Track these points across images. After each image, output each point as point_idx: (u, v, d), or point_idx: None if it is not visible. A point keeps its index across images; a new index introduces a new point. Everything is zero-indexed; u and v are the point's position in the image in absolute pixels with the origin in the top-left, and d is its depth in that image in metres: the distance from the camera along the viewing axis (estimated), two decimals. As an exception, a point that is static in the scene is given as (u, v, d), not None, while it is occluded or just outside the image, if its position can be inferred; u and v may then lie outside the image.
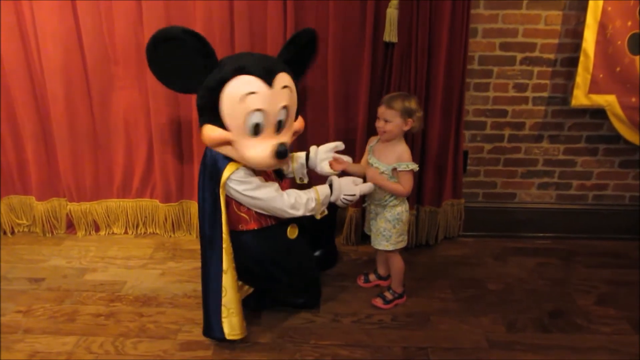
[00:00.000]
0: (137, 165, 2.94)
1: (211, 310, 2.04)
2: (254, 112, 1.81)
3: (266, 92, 1.82)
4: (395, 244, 2.30)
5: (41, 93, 2.78)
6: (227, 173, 1.90)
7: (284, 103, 1.89)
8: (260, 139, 1.87)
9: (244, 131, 1.84)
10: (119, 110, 2.82)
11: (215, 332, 2.05)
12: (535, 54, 2.67)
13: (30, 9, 2.57)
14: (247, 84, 1.79)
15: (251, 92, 1.79)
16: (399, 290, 2.41)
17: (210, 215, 1.96)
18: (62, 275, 2.65)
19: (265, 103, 1.82)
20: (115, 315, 2.33)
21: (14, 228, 3.09)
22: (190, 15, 2.57)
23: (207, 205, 1.96)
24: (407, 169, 2.16)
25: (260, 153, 1.87)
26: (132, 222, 3.06)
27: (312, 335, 2.21)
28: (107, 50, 2.69)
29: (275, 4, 2.50)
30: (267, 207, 2.00)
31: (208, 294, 2.04)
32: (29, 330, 2.24)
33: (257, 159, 1.88)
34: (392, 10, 2.43)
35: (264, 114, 1.83)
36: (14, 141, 2.90)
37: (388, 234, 2.28)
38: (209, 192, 1.95)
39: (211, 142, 1.88)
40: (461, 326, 2.27)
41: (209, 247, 2.00)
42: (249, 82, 1.80)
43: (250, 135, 1.85)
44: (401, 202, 2.27)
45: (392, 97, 2.15)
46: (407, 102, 2.12)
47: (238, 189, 1.93)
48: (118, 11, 2.60)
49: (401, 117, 2.11)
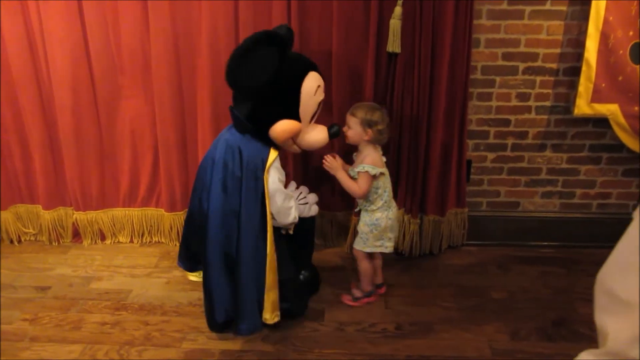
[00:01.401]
0: (143, 174, 2.97)
1: (249, 300, 2.15)
2: (320, 103, 2.17)
3: (322, 82, 2.17)
4: (373, 248, 2.38)
5: (48, 102, 2.81)
6: (272, 157, 2.11)
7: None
8: (314, 125, 2.23)
9: (308, 120, 2.16)
10: (125, 119, 2.84)
11: (254, 324, 2.18)
12: (537, 63, 2.69)
13: (38, 19, 2.61)
14: (316, 80, 2.11)
15: (319, 86, 2.13)
16: (368, 289, 2.49)
17: (252, 203, 2.09)
18: (68, 283, 2.67)
19: (322, 91, 2.17)
20: (120, 324, 2.35)
21: (20, 237, 3.11)
22: (196, 25, 2.61)
23: (249, 194, 2.08)
24: (363, 170, 2.25)
25: (321, 134, 2.24)
26: (138, 230, 3.08)
27: (316, 344, 2.22)
28: (114, 60, 2.72)
29: (279, 14, 2.52)
30: (282, 203, 2.14)
31: (247, 284, 2.13)
32: (35, 338, 2.26)
33: (320, 140, 2.24)
34: (395, 21, 2.45)
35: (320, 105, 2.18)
36: (22, 150, 2.93)
37: (365, 237, 2.37)
38: (252, 182, 2.08)
39: (291, 134, 2.10)
40: (465, 335, 2.27)
41: (250, 236, 2.10)
42: (317, 78, 2.12)
43: (309, 122, 2.17)
44: (381, 209, 2.33)
45: (358, 105, 2.29)
46: (370, 113, 2.23)
47: (277, 175, 2.13)
48: (125, 22, 2.63)
49: (361, 126, 2.24)
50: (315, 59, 2.59)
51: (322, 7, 2.54)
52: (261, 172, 2.08)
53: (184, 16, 2.59)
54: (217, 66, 2.61)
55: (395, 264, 2.82)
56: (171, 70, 2.66)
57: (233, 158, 2.09)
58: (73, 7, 2.59)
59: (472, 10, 2.48)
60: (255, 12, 2.55)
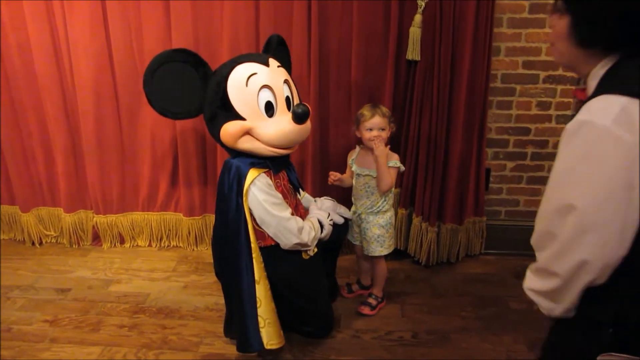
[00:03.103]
0: (162, 179, 3.00)
1: (248, 323, 1.98)
2: (261, 90, 1.87)
3: (265, 69, 1.89)
4: (389, 248, 2.38)
5: (72, 108, 2.87)
6: (251, 177, 1.90)
7: (284, 77, 1.97)
8: (276, 118, 1.91)
9: (259, 115, 1.88)
10: (146, 125, 2.89)
11: (253, 345, 1.98)
12: (558, 72, 2.67)
13: (64, 27, 2.68)
14: (246, 69, 1.87)
15: (253, 74, 1.86)
16: (380, 295, 2.49)
17: (236, 226, 1.94)
18: (88, 286, 2.71)
19: (268, 79, 1.88)
20: (138, 327, 2.37)
21: (42, 239, 3.17)
22: (217, 33, 2.64)
23: (232, 216, 1.94)
24: (395, 166, 2.25)
25: (281, 125, 1.89)
26: (156, 235, 3.12)
27: (332, 351, 2.21)
28: (137, 66, 2.77)
29: (299, 21, 2.55)
30: (277, 226, 1.95)
31: (243, 307, 1.98)
32: (55, 339, 2.29)
33: (280, 132, 1.89)
34: (415, 29, 2.46)
35: (271, 90, 1.89)
36: (45, 155, 3.00)
37: (382, 240, 2.35)
38: (235, 203, 1.93)
39: (233, 136, 1.88)
40: (482, 345, 2.25)
41: (236, 260, 1.96)
42: (247, 67, 1.88)
43: (265, 116, 1.90)
44: (390, 208, 2.35)
45: (372, 106, 2.25)
46: (384, 108, 2.27)
47: (259, 197, 1.91)
48: (148, 29, 2.68)
49: (388, 124, 2.25)
50: (334, 66, 2.62)
51: (343, 15, 2.55)
52: (239, 195, 1.91)
53: (206, 23, 2.63)
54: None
55: (412, 272, 2.81)
56: (192, 77, 2.69)
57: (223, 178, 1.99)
58: (97, 15, 2.65)
59: (493, 18, 2.48)
60: (276, 19, 2.58)
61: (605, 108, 0.97)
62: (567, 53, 1.17)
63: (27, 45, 2.74)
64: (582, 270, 1.00)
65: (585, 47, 1.12)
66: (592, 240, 0.98)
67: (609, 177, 0.96)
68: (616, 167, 0.95)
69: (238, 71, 1.87)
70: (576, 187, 1.00)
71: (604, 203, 0.97)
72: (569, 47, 1.15)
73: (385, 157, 2.21)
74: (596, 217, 0.98)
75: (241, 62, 1.89)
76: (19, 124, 2.93)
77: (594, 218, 0.98)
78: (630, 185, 0.95)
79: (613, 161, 0.96)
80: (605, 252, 0.98)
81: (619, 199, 0.96)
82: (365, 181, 2.31)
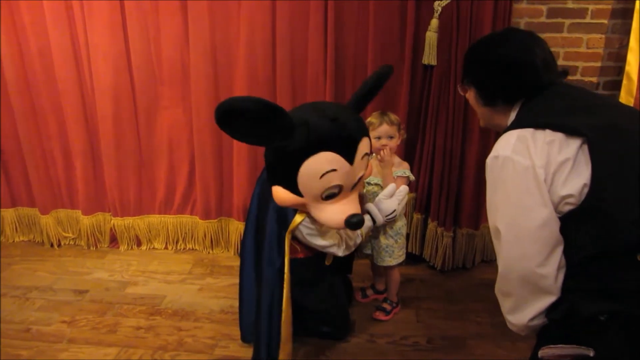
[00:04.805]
0: (179, 182, 3.03)
1: (269, 335, 1.96)
2: (332, 187, 1.74)
3: (347, 169, 1.72)
4: (398, 258, 2.36)
5: (91, 112, 2.91)
6: (299, 219, 1.88)
7: (361, 173, 1.83)
8: (333, 202, 1.79)
9: (318, 198, 1.76)
10: (164, 129, 2.92)
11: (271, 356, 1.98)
12: (576, 77, 2.65)
13: (84, 32, 2.72)
14: (328, 163, 1.68)
15: (332, 170, 1.69)
16: (395, 300, 2.48)
17: (274, 246, 1.94)
18: (105, 287, 2.74)
19: (344, 179, 1.74)
20: (154, 329, 2.39)
21: (60, 240, 3.21)
22: (234, 38, 2.66)
23: (273, 235, 1.93)
24: (404, 175, 2.25)
25: (334, 218, 1.79)
26: (173, 237, 3.14)
27: (347, 355, 2.21)
28: (155, 71, 2.80)
29: (316, 27, 2.56)
30: (321, 248, 2.01)
31: (264, 318, 1.96)
32: (72, 340, 2.32)
33: (330, 223, 1.82)
34: (431, 34, 2.45)
35: (341, 188, 1.76)
36: (64, 158, 3.04)
37: (391, 250, 2.34)
38: (275, 228, 1.93)
39: (283, 202, 1.80)
40: (498, 351, 2.23)
41: (270, 274, 1.95)
42: (331, 160, 1.68)
43: (322, 201, 1.78)
44: (400, 217, 2.32)
45: (380, 114, 2.23)
46: (392, 115, 2.24)
47: (304, 232, 1.93)
48: (166, 34, 2.72)
49: (398, 131, 2.24)
50: (350, 72, 2.61)
51: (359, 20, 2.56)
52: (283, 228, 1.91)
53: (223, 30, 2.66)
54: (253, 78, 2.67)
55: (427, 277, 2.80)
56: (209, 82, 2.72)
57: (264, 195, 1.97)
58: (117, 21, 2.69)
59: (510, 22, 2.47)
60: (292, 25, 2.59)
61: (507, 141, 1.24)
62: (486, 114, 1.48)
63: (48, 50, 2.78)
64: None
65: (492, 106, 1.43)
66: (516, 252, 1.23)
67: (516, 196, 1.21)
68: (518, 186, 1.20)
69: (320, 160, 1.67)
70: (497, 212, 1.26)
71: (517, 218, 1.21)
72: (483, 110, 1.48)
73: (390, 167, 2.21)
74: (515, 231, 1.22)
75: (328, 148, 1.66)
76: (39, 128, 2.98)
77: (513, 232, 1.22)
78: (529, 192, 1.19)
79: (513, 181, 1.21)
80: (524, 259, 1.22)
81: (528, 207, 1.19)
82: (373, 190, 2.30)
